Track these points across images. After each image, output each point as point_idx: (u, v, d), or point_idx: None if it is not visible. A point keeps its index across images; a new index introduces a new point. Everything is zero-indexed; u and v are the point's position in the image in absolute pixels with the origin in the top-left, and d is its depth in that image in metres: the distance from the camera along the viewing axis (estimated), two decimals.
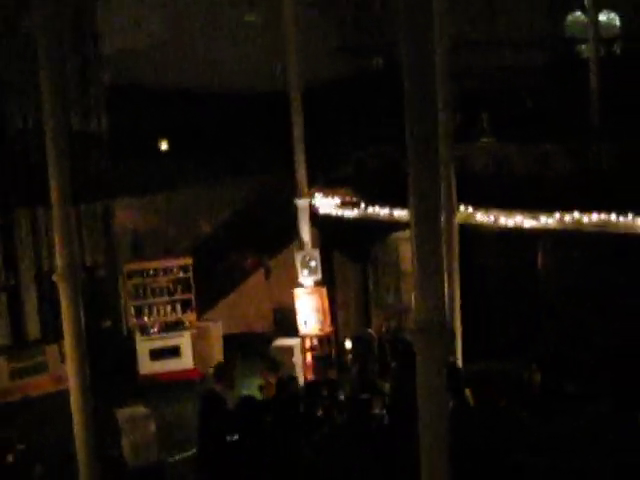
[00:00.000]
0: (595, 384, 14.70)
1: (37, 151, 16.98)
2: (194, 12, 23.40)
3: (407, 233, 17.22)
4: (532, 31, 23.68)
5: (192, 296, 21.18)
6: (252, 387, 20.11)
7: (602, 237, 16.74)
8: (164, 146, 23.13)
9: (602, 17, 21.76)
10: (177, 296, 21.22)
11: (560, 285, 18.53)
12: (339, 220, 20.68)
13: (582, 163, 17.91)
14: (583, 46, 22.51)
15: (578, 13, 23.83)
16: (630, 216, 16.07)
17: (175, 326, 21.04)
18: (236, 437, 13.21)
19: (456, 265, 15.49)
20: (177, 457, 16.84)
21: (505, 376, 15.94)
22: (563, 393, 14.73)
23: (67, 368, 12.55)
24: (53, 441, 17.34)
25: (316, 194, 20.92)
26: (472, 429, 11.95)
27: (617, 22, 23.78)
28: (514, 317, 18.63)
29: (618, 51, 22.89)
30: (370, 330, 21.36)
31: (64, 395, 12.97)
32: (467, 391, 13.23)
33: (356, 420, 13.04)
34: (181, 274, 21.26)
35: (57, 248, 12.20)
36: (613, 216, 16.32)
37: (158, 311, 21.12)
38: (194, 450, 16.86)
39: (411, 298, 8.74)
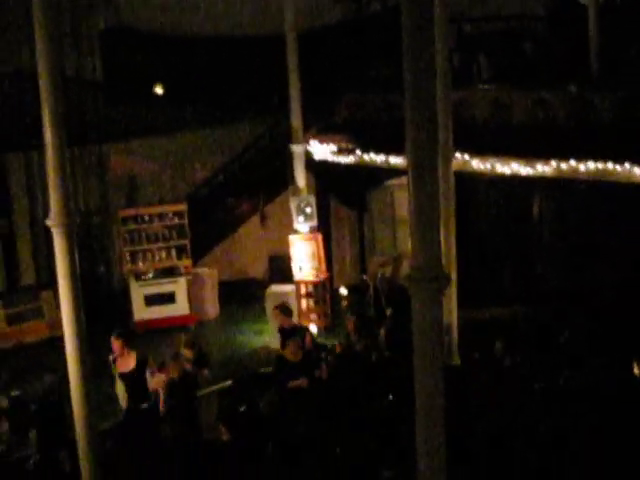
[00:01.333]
0: (591, 333, 14.73)
1: (30, 94, 16.83)
2: None
3: (403, 180, 17.15)
4: None
5: (187, 242, 21.14)
6: (249, 332, 20.28)
7: (598, 185, 16.71)
8: (160, 91, 22.95)
9: None
10: (172, 242, 21.18)
11: (555, 233, 18.52)
12: (335, 166, 20.60)
13: (580, 111, 17.80)
14: None
15: None
16: (627, 165, 16.01)
17: (170, 272, 21.00)
18: None
19: (452, 212, 15.42)
20: None
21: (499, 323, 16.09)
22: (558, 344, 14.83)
23: (62, 314, 12.51)
24: (48, 387, 17.40)
25: (312, 140, 20.81)
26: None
27: None
28: (509, 264, 18.65)
29: None
30: (365, 277, 21.39)
31: (59, 340, 12.95)
32: None
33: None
34: (176, 220, 21.20)
35: (51, 193, 12.10)
36: (610, 165, 16.27)
37: (153, 257, 21.09)
38: None
39: (406, 245, 8.69)
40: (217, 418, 13.92)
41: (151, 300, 20.59)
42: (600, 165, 16.41)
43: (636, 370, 13.07)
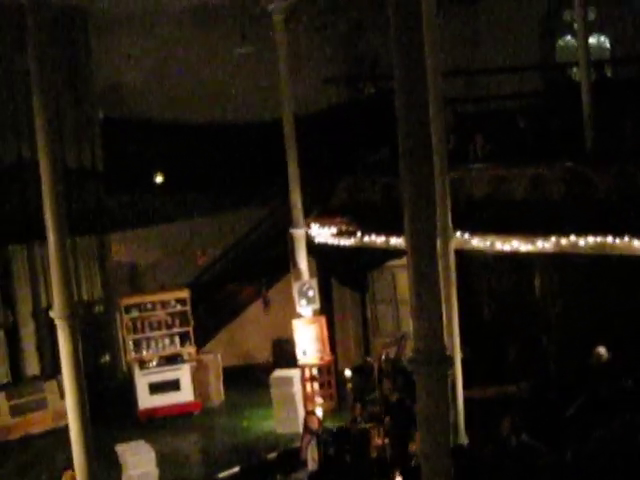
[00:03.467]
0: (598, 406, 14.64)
1: (32, 186, 16.98)
2: (186, 45, 23.44)
3: (404, 260, 17.24)
4: (525, 57, 23.76)
5: (190, 329, 21.11)
6: (254, 418, 20.16)
7: (599, 260, 16.75)
8: (159, 179, 23.13)
9: (592, 40, 21.80)
10: (175, 329, 21.13)
11: (558, 308, 18.51)
12: (336, 249, 20.67)
13: (577, 186, 17.92)
14: (575, 69, 22.54)
15: (568, 37, 23.90)
16: (626, 238, 16.07)
17: (174, 359, 20.93)
18: None
19: (453, 291, 15.43)
20: None
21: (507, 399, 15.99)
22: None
23: (66, 404, 12.49)
24: (53, 478, 17.29)
25: (312, 223, 20.92)
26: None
27: (607, 45, 23.86)
28: (514, 341, 18.59)
29: (609, 74, 22.92)
30: (369, 358, 21.32)
31: (64, 431, 12.91)
32: None
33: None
34: (179, 307, 21.18)
35: (53, 285, 12.17)
36: (609, 238, 16.32)
37: (156, 345, 21.04)
38: None
39: (409, 325, 8.71)
40: None
41: (156, 388, 20.49)
42: (599, 239, 16.46)
43: None
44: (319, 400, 20.10)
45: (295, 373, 19.92)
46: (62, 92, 21.43)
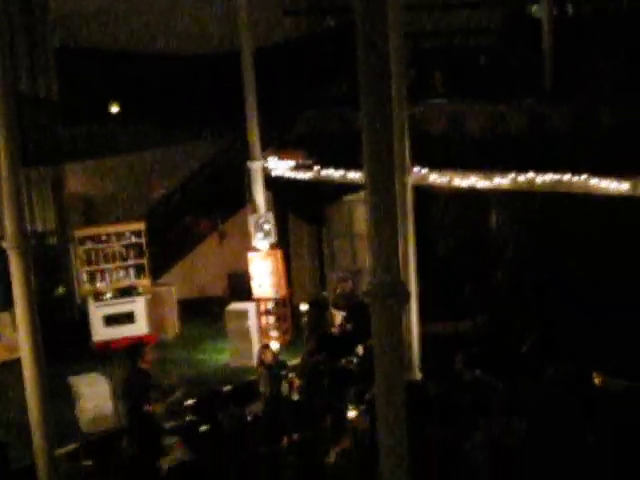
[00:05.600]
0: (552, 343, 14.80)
1: None
2: None
3: (361, 195, 17.17)
4: None
5: (145, 261, 21.00)
6: (209, 351, 20.18)
7: (555, 197, 16.82)
8: (115, 109, 22.83)
9: None
10: (130, 261, 21.01)
11: (514, 245, 18.61)
12: (293, 182, 20.59)
13: (535, 123, 17.93)
14: (536, 6, 22.44)
15: None
16: (583, 176, 16.12)
17: (129, 292, 20.84)
18: None
19: (410, 227, 15.44)
20: None
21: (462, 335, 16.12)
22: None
23: (19, 336, 12.39)
24: (8, 410, 17.23)
25: (269, 157, 20.79)
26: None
27: None
28: (469, 277, 18.70)
29: (571, 11, 22.84)
30: (325, 293, 21.39)
31: (18, 363, 12.82)
32: None
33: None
34: (134, 239, 21.04)
35: (6, 214, 12.00)
36: (566, 176, 16.37)
37: (111, 277, 20.93)
38: None
39: (366, 260, 8.68)
40: (179, 437, 13.83)
41: (110, 321, 20.43)
42: (557, 176, 16.50)
43: (596, 380, 13.16)
44: (274, 334, 20.13)
45: (250, 306, 19.91)
46: (16, 19, 20.97)
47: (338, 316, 18.14)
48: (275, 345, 17.34)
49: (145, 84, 22.53)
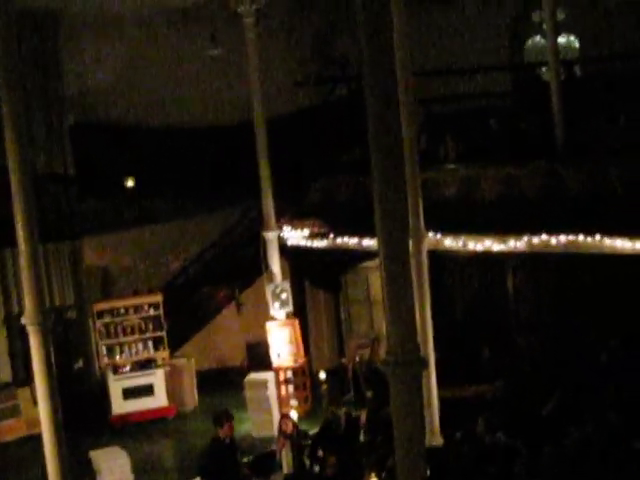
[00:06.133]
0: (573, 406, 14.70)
1: (2, 192, 16.82)
2: (156, 48, 23.35)
3: (377, 262, 17.26)
4: (495, 57, 23.88)
5: (163, 333, 21.03)
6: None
7: (571, 258, 16.82)
8: (130, 183, 23.02)
9: (561, 40, 21.89)
10: (148, 334, 21.04)
11: (532, 307, 18.56)
12: (309, 251, 20.66)
13: (549, 185, 17.99)
14: (544, 69, 22.65)
15: (537, 38, 24.00)
16: (598, 236, 16.14)
17: (147, 364, 20.84)
18: None
19: (427, 292, 15.45)
20: None
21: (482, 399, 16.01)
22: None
23: (39, 411, 12.40)
24: None
25: (284, 226, 20.89)
26: None
27: (576, 45, 23.98)
28: (488, 341, 18.62)
29: (578, 73, 23.03)
30: (344, 360, 21.32)
31: (38, 438, 12.81)
32: None
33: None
34: (152, 311, 21.10)
35: (25, 290, 12.07)
36: (581, 237, 16.40)
37: (130, 350, 20.95)
38: None
39: (383, 326, 8.70)
40: None
41: (129, 394, 20.40)
42: (571, 237, 16.54)
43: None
44: (294, 403, 20.05)
45: (269, 376, 19.87)
46: (31, 97, 21.24)
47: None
48: (294, 414, 17.28)
49: (159, 157, 22.72)
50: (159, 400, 20.56)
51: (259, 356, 21.89)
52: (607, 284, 17.00)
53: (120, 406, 20.35)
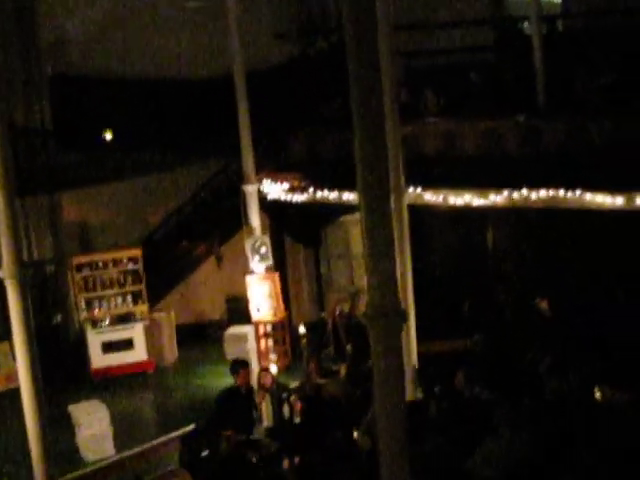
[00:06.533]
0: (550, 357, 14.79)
1: None
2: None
3: (357, 216, 17.24)
4: (477, 11, 23.76)
5: (143, 287, 20.98)
6: (209, 375, 20.13)
7: (551, 213, 16.85)
8: (109, 136, 22.83)
9: None
10: (128, 288, 20.99)
11: (511, 261, 18.63)
12: (288, 205, 20.60)
13: (529, 140, 17.97)
14: (526, 23, 22.55)
15: None
16: (578, 191, 16.16)
17: (127, 318, 20.81)
18: None
19: (407, 246, 15.45)
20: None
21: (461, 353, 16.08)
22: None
23: (18, 365, 12.38)
24: (7, 440, 17.20)
25: (264, 179, 20.81)
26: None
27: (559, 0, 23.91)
28: (467, 295, 18.69)
29: (560, 28, 22.93)
30: (323, 314, 21.37)
31: (17, 392, 12.80)
32: None
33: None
34: (131, 265, 21.03)
35: (2, 244, 12.00)
36: (561, 192, 16.41)
37: (109, 303, 20.90)
38: (151, 443, 16.86)
39: (364, 281, 8.68)
40: (180, 463, 13.80)
41: (109, 347, 20.39)
42: (551, 192, 16.54)
43: (597, 394, 13.13)
44: (273, 357, 20.10)
45: (249, 330, 19.90)
46: (8, 48, 21.01)
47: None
48: (274, 368, 17.31)
49: (138, 110, 22.55)
50: (139, 354, 20.55)
51: (239, 310, 21.91)
52: (587, 239, 17.06)
53: (99, 360, 20.33)
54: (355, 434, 13.20)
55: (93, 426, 16.36)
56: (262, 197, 20.55)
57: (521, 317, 17.72)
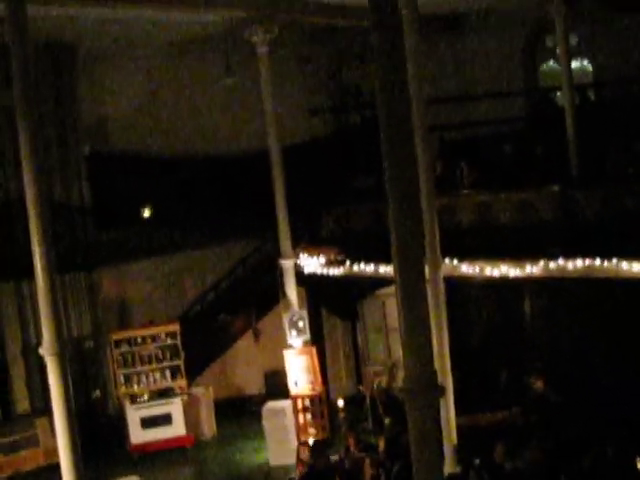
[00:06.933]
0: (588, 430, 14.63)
1: (20, 223, 16.91)
2: (172, 78, 23.51)
3: (393, 289, 17.26)
4: (509, 83, 23.94)
5: (181, 362, 21.04)
6: (247, 450, 20.06)
7: (587, 283, 16.78)
8: (147, 213, 23.10)
9: (574, 64, 21.94)
10: (166, 363, 21.07)
11: (549, 332, 18.50)
12: (325, 278, 20.65)
13: (564, 210, 17.97)
14: (558, 94, 22.69)
15: (551, 62, 24.06)
16: (614, 260, 16.11)
17: (165, 393, 20.86)
18: None
19: (444, 318, 15.41)
20: None
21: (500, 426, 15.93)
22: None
23: (57, 441, 12.42)
24: None
25: (301, 254, 20.91)
26: None
27: (590, 69, 24.04)
28: (505, 368, 18.55)
29: (592, 97, 23.05)
30: (361, 387, 21.28)
31: (56, 468, 12.83)
32: None
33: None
34: (169, 340, 21.14)
35: (42, 320, 12.13)
36: (597, 261, 16.37)
37: (147, 379, 20.97)
38: None
39: (400, 353, 8.69)
40: None
41: (147, 423, 20.39)
42: (587, 262, 16.51)
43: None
44: (312, 431, 20.01)
45: (287, 404, 19.86)
46: (48, 128, 21.37)
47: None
48: (312, 442, 17.24)
49: (176, 186, 22.81)
50: (177, 429, 20.54)
51: (277, 384, 21.88)
52: (624, 309, 16.95)
53: (138, 435, 20.33)
54: None
55: None
56: (299, 271, 20.64)
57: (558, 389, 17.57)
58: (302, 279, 20.83)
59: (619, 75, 22.68)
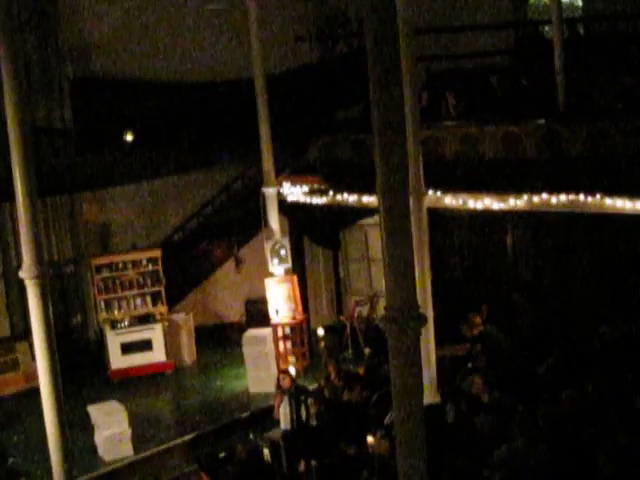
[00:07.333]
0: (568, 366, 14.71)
1: (1, 147, 16.75)
2: (156, 2, 23.20)
3: (376, 219, 17.22)
4: (497, 15, 23.74)
5: (162, 288, 21.04)
6: (227, 377, 20.17)
7: (570, 217, 16.81)
8: (129, 137, 22.88)
9: None
10: (147, 289, 21.06)
11: (530, 266, 18.57)
12: (308, 207, 20.62)
13: (549, 144, 17.92)
14: (547, 27, 22.51)
15: None
16: (598, 195, 16.11)
17: (146, 319, 20.87)
18: None
19: (426, 250, 15.42)
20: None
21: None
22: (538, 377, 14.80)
23: (37, 365, 12.44)
24: (26, 439, 17.29)
25: (284, 182, 20.83)
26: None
27: (579, 3, 23.85)
28: (485, 299, 18.63)
29: (582, 32, 22.88)
30: (342, 317, 21.37)
31: (37, 392, 12.87)
32: None
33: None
34: (150, 266, 21.11)
35: (23, 244, 12.07)
36: (581, 196, 16.37)
37: (128, 304, 20.97)
38: (169, 443, 16.91)
39: (382, 284, 8.68)
40: (198, 466, 13.82)
41: (127, 348, 20.45)
42: (571, 197, 16.50)
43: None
44: (292, 359, 20.11)
45: (268, 332, 19.92)
46: (30, 51, 21.12)
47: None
48: (293, 370, 17.33)
49: (159, 112, 22.59)
50: (157, 355, 20.62)
51: (257, 312, 21.94)
52: (607, 244, 17.01)
53: (118, 361, 20.40)
54: (370, 438, 13.16)
55: (112, 427, 16.42)
56: (281, 200, 20.59)
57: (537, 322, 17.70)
58: (285, 208, 20.79)
59: (609, 9, 22.50)
